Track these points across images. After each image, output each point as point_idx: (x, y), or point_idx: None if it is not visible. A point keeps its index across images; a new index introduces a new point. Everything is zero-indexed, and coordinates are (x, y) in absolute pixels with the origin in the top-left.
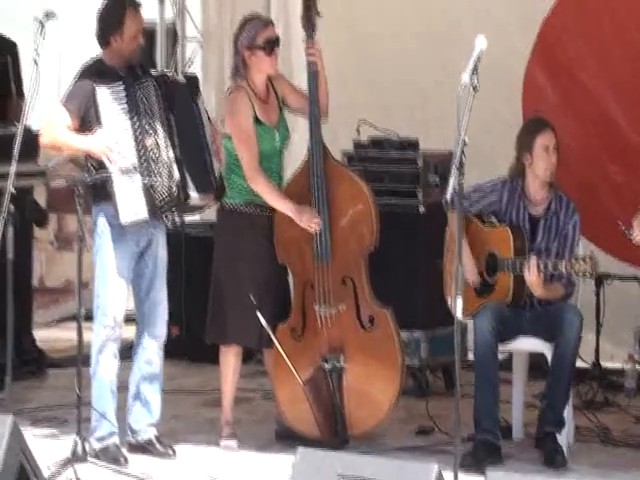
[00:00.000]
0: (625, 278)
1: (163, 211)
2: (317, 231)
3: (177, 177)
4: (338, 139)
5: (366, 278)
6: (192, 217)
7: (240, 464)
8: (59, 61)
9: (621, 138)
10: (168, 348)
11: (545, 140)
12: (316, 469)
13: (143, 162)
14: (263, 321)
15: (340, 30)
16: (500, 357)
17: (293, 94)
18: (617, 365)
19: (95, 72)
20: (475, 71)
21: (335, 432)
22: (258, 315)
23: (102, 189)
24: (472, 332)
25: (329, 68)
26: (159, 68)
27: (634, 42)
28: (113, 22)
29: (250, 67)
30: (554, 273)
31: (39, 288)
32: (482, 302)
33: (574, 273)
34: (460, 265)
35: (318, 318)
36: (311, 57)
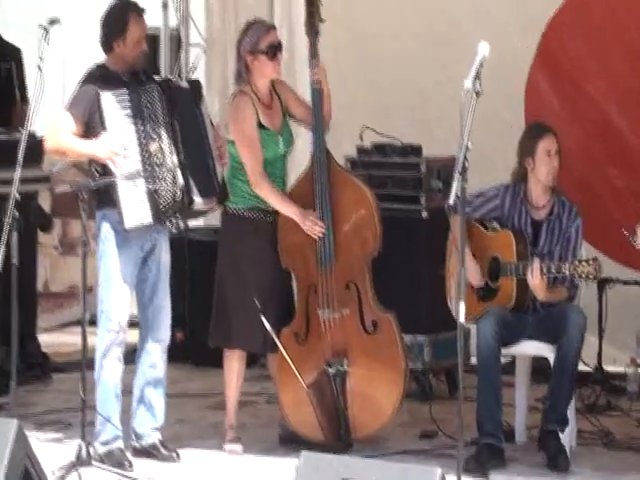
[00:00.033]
0: (627, 282)
1: (167, 216)
2: (320, 236)
3: (181, 182)
4: (341, 144)
5: (369, 283)
6: (196, 222)
7: (244, 468)
8: (63, 67)
9: (622, 141)
10: (172, 352)
11: (547, 145)
12: (320, 473)
13: (147, 167)
14: (267, 325)
15: (340, 30)
16: (503, 361)
17: (297, 105)
18: (619, 369)
19: (99, 78)
20: (478, 77)
21: (339, 436)
22: (262, 319)
23: (106, 194)
24: (475, 336)
25: (329, 68)
26: (163, 74)
27: (634, 42)
28: (117, 28)
29: (253, 72)
30: (557, 276)
31: (43, 293)
32: (485, 307)
33: (578, 275)
34: (462, 270)
35: (322, 322)
36: (315, 76)
